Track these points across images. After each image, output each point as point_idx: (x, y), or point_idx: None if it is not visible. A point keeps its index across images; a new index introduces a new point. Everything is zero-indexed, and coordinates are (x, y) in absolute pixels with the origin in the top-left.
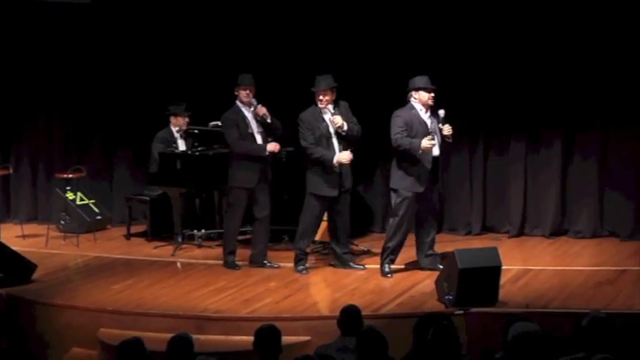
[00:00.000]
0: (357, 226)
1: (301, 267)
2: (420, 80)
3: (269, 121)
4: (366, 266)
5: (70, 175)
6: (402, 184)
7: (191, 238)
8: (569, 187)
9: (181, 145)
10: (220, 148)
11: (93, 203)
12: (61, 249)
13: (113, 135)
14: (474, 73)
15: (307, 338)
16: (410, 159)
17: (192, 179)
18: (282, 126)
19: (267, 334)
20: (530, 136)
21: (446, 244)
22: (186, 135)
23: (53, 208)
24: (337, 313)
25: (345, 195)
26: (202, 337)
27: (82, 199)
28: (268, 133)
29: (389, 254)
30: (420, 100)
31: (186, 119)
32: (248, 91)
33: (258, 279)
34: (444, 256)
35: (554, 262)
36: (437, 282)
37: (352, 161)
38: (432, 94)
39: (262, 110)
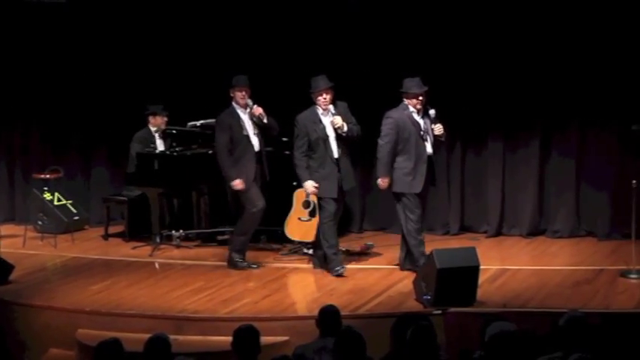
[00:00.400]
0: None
1: (338, 267)
2: (410, 83)
3: (265, 121)
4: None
5: (48, 176)
6: (403, 187)
7: (169, 238)
8: (547, 187)
9: (160, 145)
10: (199, 148)
11: (70, 204)
12: (39, 249)
13: (90, 135)
14: (450, 72)
15: (286, 338)
16: (405, 160)
17: (170, 179)
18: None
19: (246, 335)
20: (507, 136)
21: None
22: (164, 135)
23: (31, 209)
24: (316, 313)
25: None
26: (181, 337)
27: (59, 200)
28: (264, 133)
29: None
30: (409, 102)
31: (165, 119)
32: (244, 93)
33: (237, 279)
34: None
35: (531, 261)
36: (415, 282)
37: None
38: (420, 98)
39: (258, 111)
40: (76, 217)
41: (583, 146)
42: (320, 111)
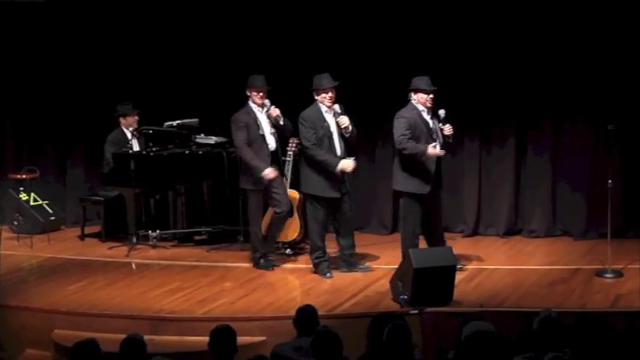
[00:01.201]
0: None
1: (326, 271)
2: (420, 81)
3: (282, 122)
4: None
5: (24, 176)
6: (408, 186)
7: (146, 238)
8: (523, 186)
9: (135, 145)
10: (175, 148)
11: (47, 204)
12: (15, 250)
13: (66, 135)
14: (425, 72)
15: (263, 338)
16: (414, 161)
17: (147, 179)
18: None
19: (223, 335)
20: (483, 136)
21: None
22: (139, 135)
23: (6, 209)
24: (293, 313)
25: (346, 197)
26: (157, 337)
27: (35, 200)
28: (280, 134)
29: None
30: (419, 100)
31: (136, 117)
32: (261, 93)
33: (213, 279)
34: None
35: (508, 261)
36: (392, 281)
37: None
38: (431, 96)
39: (275, 112)
40: (53, 218)
41: (559, 146)
42: (324, 109)
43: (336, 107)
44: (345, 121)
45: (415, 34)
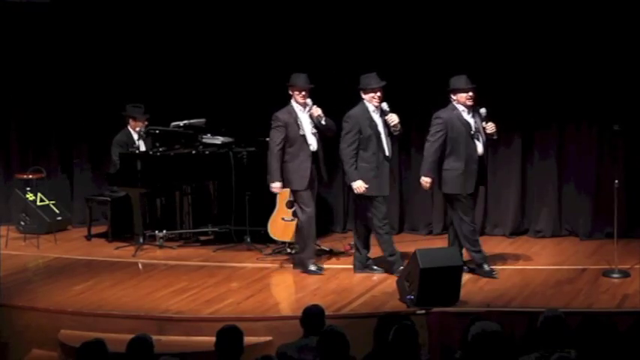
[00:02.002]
0: (319, 227)
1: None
2: (457, 80)
3: (323, 122)
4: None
5: (30, 176)
6: (454, 188)
7: (152, 238)
8: (529, 187)
9: (141, 146)
10: (182, 148)
11: (53, 204)
12: (21, 250)
13: (72, 135)
14: (432, 73)
15: (269, 338)
16: (456, 160)
17: (153, 180)
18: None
19: (229, 335)
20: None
21: (407, 243)
22: (146, 135)
23: (13, 209)
24: (299, 314)
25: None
26: (164, 337)
27: (42, 200)
28: (321, 133)
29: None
30: (458, 100)
31: (145, 122)
32: (304, 93)
33: (220, 279)
34: None
35: (514, 261)
36: (398, 282)
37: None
38: (470, 94)
39: (317, 111)
40: (59, 218)
41: (565, 146)
42: (372, 108)
43: (384, 105)
44: (394, 118)
45: (426, 38)
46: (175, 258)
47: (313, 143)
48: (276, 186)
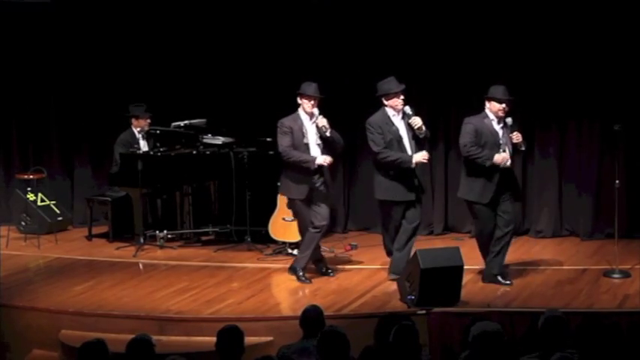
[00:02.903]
0: None
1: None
2: (495, 90)
3: (328, 134)
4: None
5: (31, 176)
6: (469, 194)
7: (153, 239)
8: (530, 187)
9: (144, 146)
10: (182, 148)
11: (54, 204)
12: (22, 250)
13: (73, 135)
14: (432, 73)
15: (270, 339)
16: (479, 167)
17: (154, 180)
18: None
19: (230, 335)
20: None
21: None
22: (147, 135)
23: (13, 209)
24: (300, 314)
25: (419, 200)
26: (164, 338)
27: (43, 200)
28: (327, 146)
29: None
30: (491, 109)
31: (148, 120)
32: (313, 102)
33: (221, 279)
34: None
35: (515, 261)
36: (399, 282)
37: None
38: (504, 106)
39: (322, 122)
40: (60, 218)
41: (565, 147)
42: (391, 113)
43: (407, 109)
44: (418, 121)
45: (424, 40)
46: (176, 258)
47: (316, 154)
48: (321, 159)
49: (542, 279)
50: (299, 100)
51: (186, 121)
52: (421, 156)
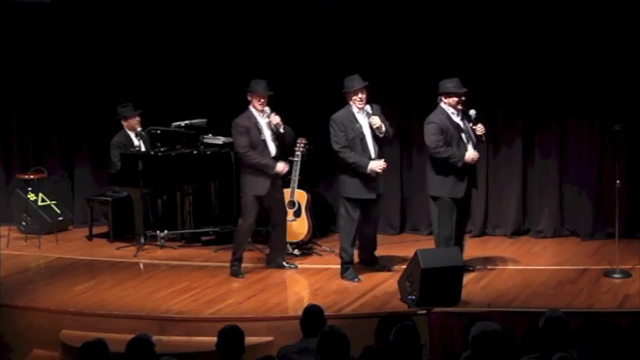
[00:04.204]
0: (320, 227)
1: (351, 275)
2: (449, 83)
3: (282, 130)
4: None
5: (31, 176)
6: (442, 191)
7: (153, 239)
8: (530, 187)
9: (141, 146)
10: (183, 148)
11: (54, 204)
12: (23, 250)
13: (73, 135)
14: (431, 73)
15: (270, 339)
16: (447, 164)
17: (155, 180)
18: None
19: (230, 335)
20: (490, 137)
21: (409, 244)
22: (146, 135)
23: (14, 209)
24: (300, 314)
25: (379, 199)
26: (165, 338)
27: (43, 200)
28: (280, 140)
29: None
30: (449, 103)
31: (137, 118)
32: (262, 100)
33: (221, 279)
34: None
35: (515, 261)
36: (400, 282)
37: (319, 162)
38: (462, 98)
39: (276, 120)
40: (60, 218)
41: (566, 147)
42: (355, 110)
43: (367, 108)
44: (376, 121)
45: (421, 37)
46: (176, 258)
47: (273, 148)
48: (280, 167)
49: (543, 279)
50: (249, 98)
51: (186, 121)
52: (377, 165)
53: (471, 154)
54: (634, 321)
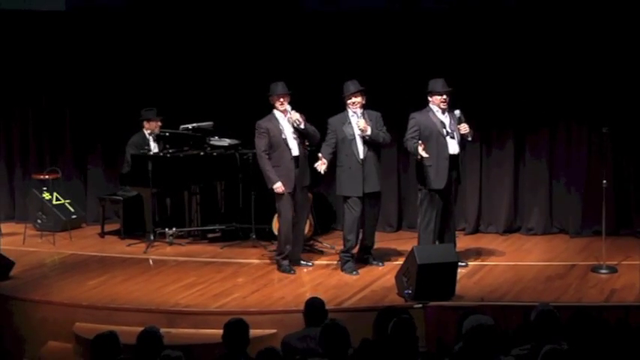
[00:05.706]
0: (321, 225)
1: (350, 269)
2: (435, 83)
3: (302, 127)
4: (332, 263)
5: (47, 176)
6: (423, 182)
7: (162, 236)
8: (521, 187)
9: (154, 148)
10: (191, 150)
11: (68, 203)
12: (38, 247)
13: (87, 137)
14: (426, 75)
15: (273, 331)
16: (431, 157)
17: (164, 180)
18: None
19: (236, 328)
20: (483, 139)
21: (405, 240)
22: (157, 138)
23: (30, 208)
24: (302, 307)
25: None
26: (173, 330)
27: (57, 199)
28: (303, 139)
29: None
30: (434, 102)
31: (159, 123)
32: (282, 100)
33: (227, 275)
34: None
35: (507, 257)
36: (397, 277)
37: (314, 161)
38: (445, 97)
39: (295, 116)
40: (74, 216)
41: (555, 148)
42: (350, 113)
43: (358, 111)
44: (360, 124)
45: (416, 44)
46: (184, 254)
47: (294, 148)
48: (277, 186)
49: (533, 274)
50: (271, 102)
51: (194, 124)
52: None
53: (421, 151)
54: (619, 314)
